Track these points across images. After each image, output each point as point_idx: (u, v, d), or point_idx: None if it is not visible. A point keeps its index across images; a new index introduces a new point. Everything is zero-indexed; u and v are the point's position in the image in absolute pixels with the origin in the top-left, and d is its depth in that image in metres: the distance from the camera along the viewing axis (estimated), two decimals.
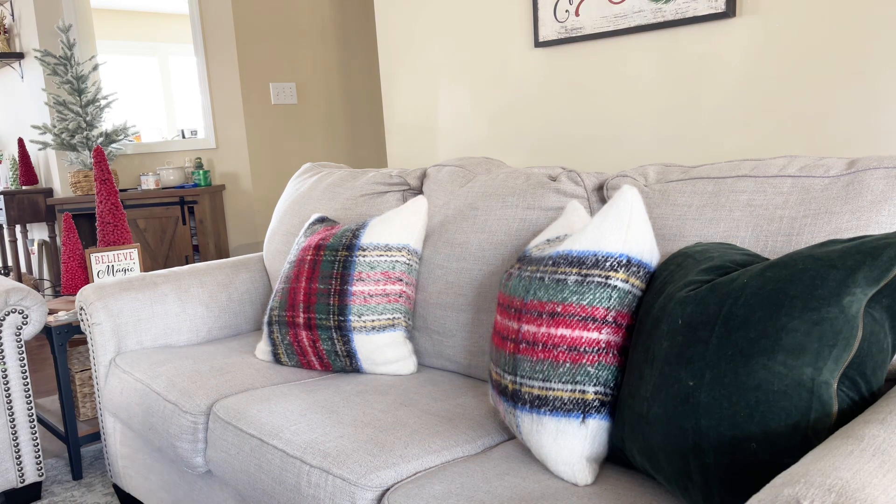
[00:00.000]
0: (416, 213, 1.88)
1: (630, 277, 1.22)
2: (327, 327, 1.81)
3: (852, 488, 0.73)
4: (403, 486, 1.26)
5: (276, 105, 4.46)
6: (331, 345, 1.82)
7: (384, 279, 1.82)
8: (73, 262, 2.74)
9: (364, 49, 4.81)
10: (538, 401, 1.22)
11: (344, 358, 1.83)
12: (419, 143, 3.10)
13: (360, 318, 1.79)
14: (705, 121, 2.22)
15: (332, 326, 1.81)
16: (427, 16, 2.96)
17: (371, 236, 1.85)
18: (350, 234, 1.88)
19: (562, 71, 2.55)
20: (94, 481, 2.46)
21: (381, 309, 1.81)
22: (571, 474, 1.21)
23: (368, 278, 1.81)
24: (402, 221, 1.86)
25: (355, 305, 1.79)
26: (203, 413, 1.72)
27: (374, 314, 1.80)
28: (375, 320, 1.80)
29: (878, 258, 0.95)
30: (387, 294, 1.81)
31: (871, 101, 1.91)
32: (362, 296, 1.80)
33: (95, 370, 2.17)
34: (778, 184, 1.39)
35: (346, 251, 1.84)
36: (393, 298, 1.82)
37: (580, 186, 1.73)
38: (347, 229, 1.91)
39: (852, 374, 1.00)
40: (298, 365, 1.91)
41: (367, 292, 1.80)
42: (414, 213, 1.88)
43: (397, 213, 1.88)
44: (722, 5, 2.09)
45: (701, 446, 1.00)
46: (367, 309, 1.80)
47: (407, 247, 1.85)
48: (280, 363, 1.95)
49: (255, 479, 1.51)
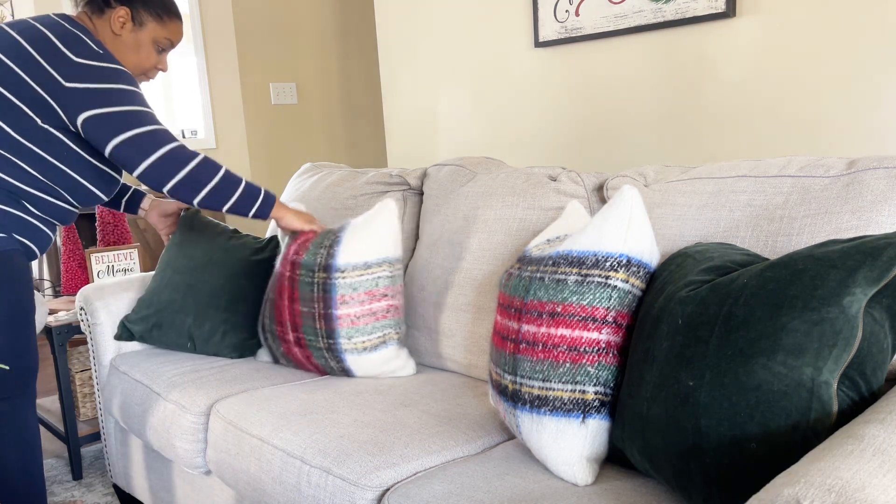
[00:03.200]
0: (389, 220, 1.78)
1: (630, 277, 1.22)
2: (318, 348, 1.77)
3: (852, 488, 0.73)
4: (403, 486, 1.26)
5: (276, 105, 4.46)
6: (325, 361, 1.79)
7: (369, 298, 1.74)
8: (73, 262, 2.74)
9: (364, 49, 4.81)
10: (538, 401, 1.22)
11: (340, 372, 1.81)
12: (419, 143, 3.10)
13: (349, 340, 1.73)
14: (705, 121, 2.22)
15: (323, 347, 1.76)
16: (427, 16, 2.96)
17: (347, 255, 1.74)
18: (325, 252, 1.76)
19: (562, 71, 2.55)
20: (94, 481, 2.46)
21: (370, 329, 1.74)
22: (571, 474, 1.21)
23: (352, 300, 1.72)
24: (377, 233, 1.76)
25: (343, 328, 1.73)
26: (203, 413, 1.72)
27: (363, 335, 1.74)
28: (366, 341, 1.74)
29: (878, 258, 0.95)
30: (374, 313, 1.75)
31: (871, 101, 1.91)
32: (349, 318, 1.73)
33: (95, 370, 2.17)
34: (778, 184, 1.39)
35: (323, 272, 1.75)
36: (380, 315, 1.75)
37: (580, 186, 1.73)
38: (320, 243, 1.79)
39: (852, 374, 1.00)
40: (297, 367, 1.92)
41: (353, 314, 1.73)
42: (389, 220, 1.78)
43: (370, 222, 1.77)
44: (722, 5, 2.09)
45: (701, 446, 1.00)
46: (356, 331, 1.73)
47: (387, 259, 1.76)
48: (279, 364, 1.97)
49: (255, 479, 1.51)
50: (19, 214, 1.69)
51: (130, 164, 1.70)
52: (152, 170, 1.69)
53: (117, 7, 1.78)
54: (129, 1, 1.79)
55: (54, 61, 1.66)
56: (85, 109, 1.66)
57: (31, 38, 1.67)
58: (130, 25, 1.79)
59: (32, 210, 1.72)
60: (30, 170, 1.68)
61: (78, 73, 1.66)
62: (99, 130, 1.68)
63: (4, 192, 1.66)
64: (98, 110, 1.66)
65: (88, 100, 1.66)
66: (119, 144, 1.68)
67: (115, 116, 1.67)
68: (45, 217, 1.75)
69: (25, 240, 1.72)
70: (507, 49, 2.69)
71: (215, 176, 1.74)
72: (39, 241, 1.76)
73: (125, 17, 1.78)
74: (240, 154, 4.40)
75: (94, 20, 1.80)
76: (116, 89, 1.69)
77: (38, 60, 1.65)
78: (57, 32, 1.70)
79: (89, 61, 1.68)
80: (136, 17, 1.79)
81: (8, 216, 1.67)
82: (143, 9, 1.80)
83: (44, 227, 1.76)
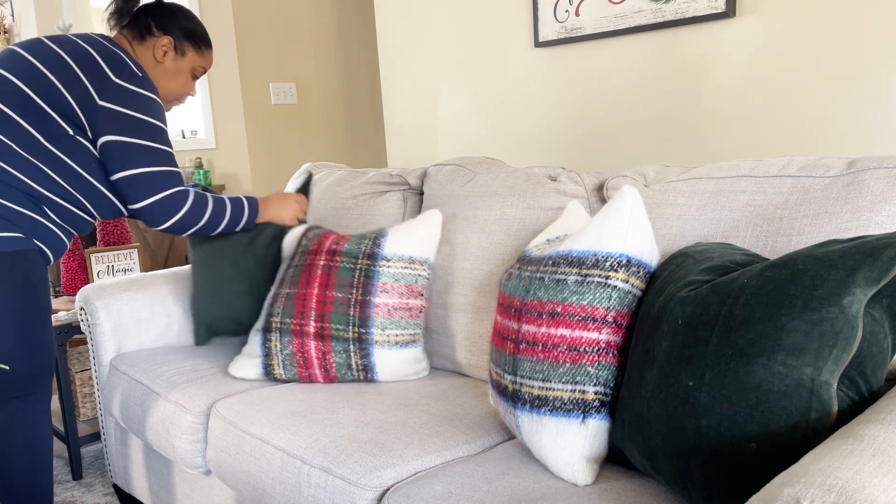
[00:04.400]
0: (435, 225, 1.82)
1: (630, 277, 1.22)
2: (344, 339, 1.72)
3: (852, 488, 0.73)
4: (403, 486, 1.26)
5: (276, 105, 4.46)
6: (345, 357, 1.73)
7: (408, 293, 1.75)
8: (73, 262, 2.74)
9: (364, 49, 4.81)
10: (538, 401, 1.22)
11: (358, 371, 1.74)
12: (419, 143, 3.10)
13: (383, 331, 1.72)
14: (705, 121, 2.22)
15: (351, 338, 1.72)
16: (427, 16, 2.96)
17: (394, 246, 1.77)
18: (370, 242, 1.79)
19: (562, 71, 2.55)
20: (94, 481, 2.46)
21: (404, 324, 1.74)
22: (571, 474, 1.21)
23: (392, 290, 1.73)
24: (423, 233, 1.80)
25: (378, 318, 1.72)
26: (203, 413, 1.72)
27: (397, 328, 1.73)
28: (399, 335, 1.73)
29: (878, 258, 0.95)
30: (409, 308, 1.75)
31: (871, 101, 1.91)
32: (386, 308, 1.72)
33: (95, 370, 2.17)
34: (778, 184, 1.39)
35: (367, 259, 1.76)
36: (415, 313, 1.76)
37: (580, 186, 1.73)
38: (363, 236, 1.83)
39: (852, 374, 1.00)
40: (297, 379, 1.78)
41: (391, 305, 1.73)
42: (434, 225, 1.82)
43: (417, 223, 1.81)
44: (722, 5, 2.09)
45: (701, 446, 1.00)
46: (390, 322, 1.72)
47: (427, 261, 1.79)
48: (272, 377, 1.80)
49: (255, 479, 1.51)
50: (38, 219, 1.70)
51: (133, 198, 1.75)
52: (151, 208, 1.75)
53: (161, 36, 1.84)
54: (171, 30, 1.85)
55: (93, 76, 1.68)
56: (110, 133, 1.69)
57: (72, 52, 1.70)
58: (173, 54, 1.86)
59: (52, 216, 1.72)
60: (55, 177, 1.69)
61: (113, 94, 1.69)
62: (116, 156, 1.71)
63: (27, 196, 1.67)
64: (122, 137, 1.70)
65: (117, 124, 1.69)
66: (129, 176, 1.72)
67: (136, 148, 1.71)
68: (63, 224, 1.76)
69: (42, 244, 1.72)
70: (507, 49, 2.69)
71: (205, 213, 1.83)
72: (55, 247, 1.76)
73: (168, 46, 1.84)
74: (240, 154, 4.41)
75: (133, 45, 1.84)
76: (146, 122, 1.72)
77: (77, 73, 1.68)
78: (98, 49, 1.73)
79: (128, 84, 1.71)
80: (179, 46, 1.86)
81: (27, 219, 1.68)
82: (186, 39, 1.87)
83: (60, 233, 1.76)
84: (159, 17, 1.85)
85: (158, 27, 1.84)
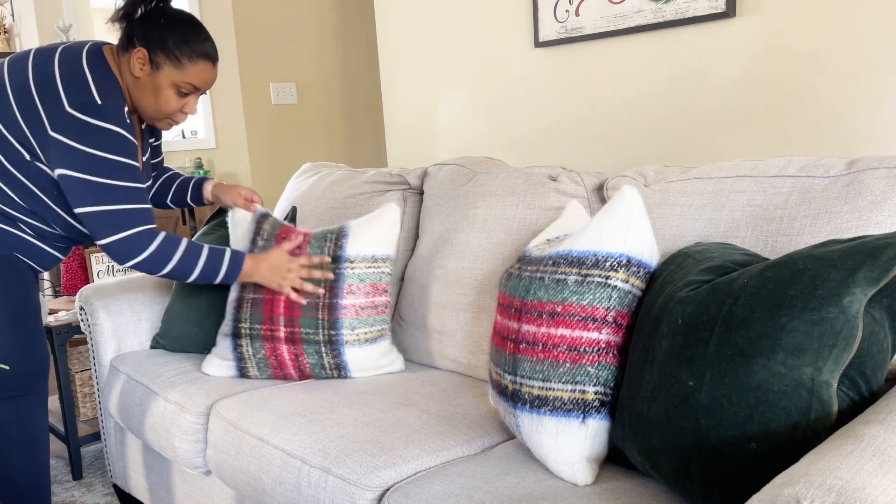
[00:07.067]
0: (394, 222, 1.82)
1: (630, 277, 1.22)
2: (315, 342, 1.75)
3: (852, 488, 0.73)
4: (403, 486, 1.26)
5: (276, 105, 4.46)
6: (317, 358, 1.76)
7: (373, 291, 1.77)
8: (73, 262, 2.74)
9: (364, 49, 4.81)
10: (538, 401, 1.22)
11: (331, 370, 1.78)
12: (419, 143, 3.10)
13: (352, 331, 1.75)
14: (705, 121, 2.22)
15: (322, 341, 1.75)
16: (427, 16, 2.96)
17: (357, 247, 1.77)
18: (332, 244, 1.79)
19: (562, 71, 2.55)
20: (94, 481, 2.46)
21: (371, 321, 1.77)
22: (571, 474, 1.21)
23: (359, 290, 1.76)
24: (383, 230, 1.80)
25: (347, 319, 1.74)
26: (203, 413, 1.72)
27: (365, 326, 1.76)
28: (368, 332, 1.77)
29: (878, 258, 0.95)
30: (375, 306, 1.78)
31: (871, 101, 1.91)
32: (353, 309, 1.75)
33: (95, 370, 2.17)
34: (778, 184, 1.39)
35: (331, 262, 1.77)
36: (381, 310, 1.79)
37: (580, 186, 1.73)
38: (322, 236, 1.81)
39: (852, 374, 1.00)
40: (270, 378, 1.82)
41: (357, 305, 1.75)
42: (393, 222, 1.82)
43: (375, 220, 1.81)
44: (722, 5, 2.09)
45: (701, 446, 1.00)
46: (359, 322, 1.75)
47: (389, 258, 1.81)
48: (247, 377, 1.84)
49: (255, 479, 1.51)
50: (18, 234, 1.68)
51: (94, 234, 1.63)
52: (111, 247, 1.63)
53: (138, 47, 1.64)
54: (148, 41, 1.63)
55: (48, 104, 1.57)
56: (62, 166, 1.58)
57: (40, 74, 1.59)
58: (148, 68, 1.64)
59: (30, 231, 1.70)
60: (19, 201, 1.65)
61: (65, 125, 1.56)
62: (71, 191, 1.60)
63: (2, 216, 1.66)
64: (74, 173, 1.57)
65: (65, 157, 1.57)
66: (88, 213, 1.61)
67: (89, 185, 1.58)
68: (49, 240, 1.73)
69: (25, 258, 1.71)
70: (507, 49, 2.69)
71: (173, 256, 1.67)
72: (42, 260, 1.74)
73: (143, 59, 1.64)
74: (240, 154, 4.41)
75: (119, 57, 1.67)
76: (98, 157, 1.57)
77: (35, 100, 1.58)
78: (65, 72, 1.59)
79: (80, 115, 1.56)
80: (154, 59, 1.64)
81: (8, 234, 1.67)
82: (161, 50, 1.63)
83: (47, 247, 1.73)
84: (143, 25, 1.64)
85: (138, 37, 1.64)
